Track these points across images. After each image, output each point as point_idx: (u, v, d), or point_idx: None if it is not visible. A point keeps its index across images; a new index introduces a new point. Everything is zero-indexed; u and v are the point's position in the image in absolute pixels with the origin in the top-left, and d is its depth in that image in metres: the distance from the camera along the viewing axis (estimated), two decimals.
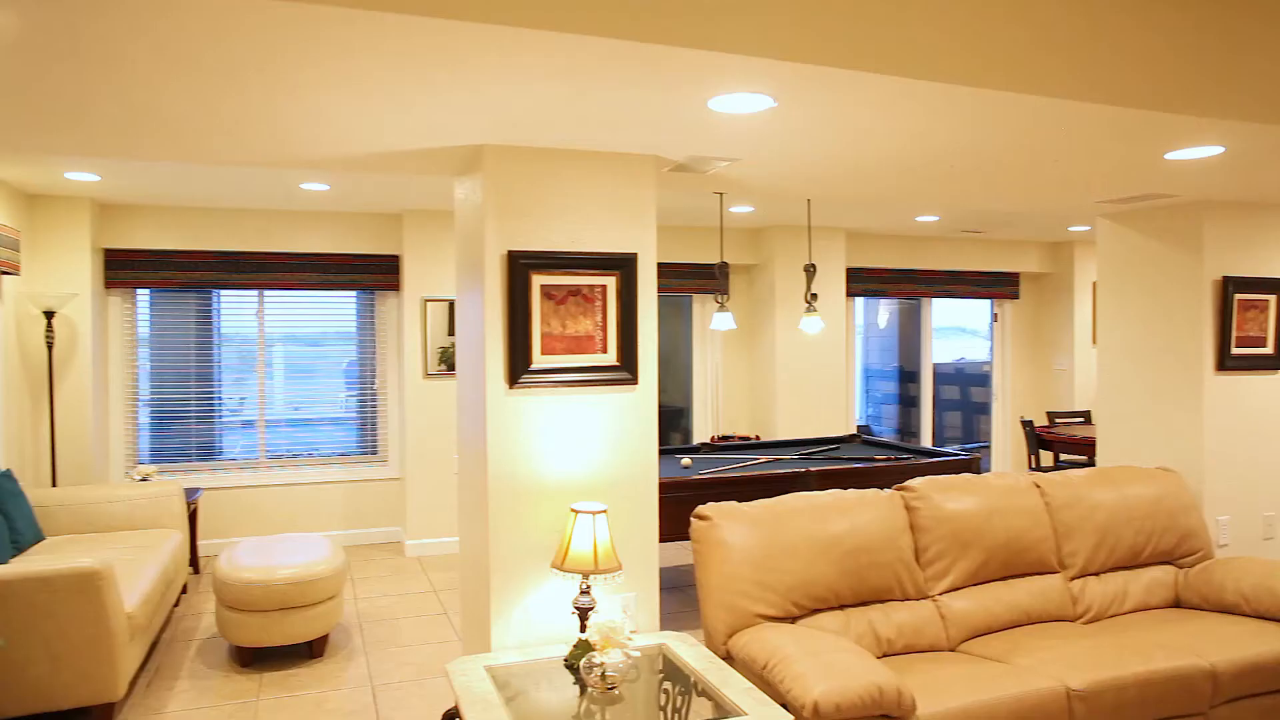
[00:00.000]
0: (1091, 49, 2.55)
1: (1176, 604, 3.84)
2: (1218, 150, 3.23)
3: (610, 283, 3.16)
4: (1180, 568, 3.94)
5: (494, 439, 3.04)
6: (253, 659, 4.41)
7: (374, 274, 6.73)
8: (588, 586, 2.88)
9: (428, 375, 6.61)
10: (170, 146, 3.08)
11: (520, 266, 3.02)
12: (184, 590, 5.36)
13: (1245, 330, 4.42)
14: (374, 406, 6.97)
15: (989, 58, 2.40)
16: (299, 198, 5.96)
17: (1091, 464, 6.88)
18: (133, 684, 4.16)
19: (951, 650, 3.35)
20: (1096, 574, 3.80)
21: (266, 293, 6.68)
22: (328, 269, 6.61)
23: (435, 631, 4.89)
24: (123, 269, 6.15)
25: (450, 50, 2.05)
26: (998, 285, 8.71)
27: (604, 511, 2.86)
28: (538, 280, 3.06)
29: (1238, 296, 4.38)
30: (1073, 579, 3.74)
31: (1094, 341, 8.55)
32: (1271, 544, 4.57)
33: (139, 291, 6.40)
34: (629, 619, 3.19)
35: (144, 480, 5.50)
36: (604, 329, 3.15)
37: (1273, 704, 3.27)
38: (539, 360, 3.06)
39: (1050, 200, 4.41)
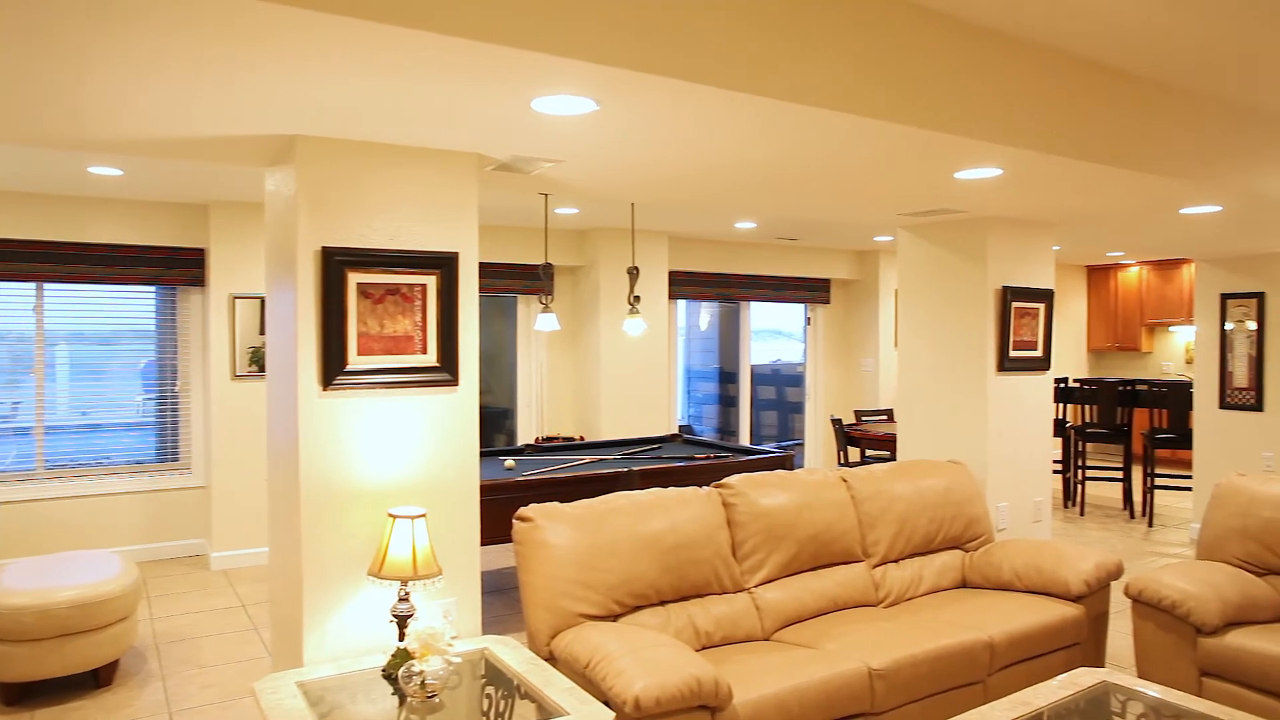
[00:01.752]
0: (895, 75, 2.74)
1: (964, 584, 4.19)
2: (997, 172, 3.55)
3: (430, 282, 3.09)
4: (967, 551, 4.30)
5: (306, 443, 2.90)
6: (22, 695, 3.98)
7: (176, 268, 6.26)
8: (407, 593, 2.80)
9: (236, 376, 6.22)
10: None
11: (335, 264, 2.90)
12: None
13: (1021, 335, 4.89)
14: (175, 410, 6.48)
15: (803, 76, 2.53)
16: (88, 183, 5.45)
17: (893, 459, 7.39)
18: None
19: (766, 639, 3.50)
20: (896, 561, 4.08)
21: (48, 286, 6.06)
22: (122, 262, 6.09)
23: (243, 649, 4.60)
24: None
25: (260, 33, 1.94)
26: (811, 290, 9.19)
27: (423, 516, 2.80)
28: (354, 278, 2.94)
29: (1015, 304, 4.83)
30: (875, 566, 4.00)
31: (896, 344, 9.19)
32: (1040, 526, 5.07)
33: None
34: (450, 625, 3.13)
35: None
36: (424, 329, 3.08)
37: (1038, 666, 3.63)
38: (355, 361, 2.95)
39: (857, 211, 4.71)
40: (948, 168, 3.48)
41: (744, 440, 9.10)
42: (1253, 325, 6.72)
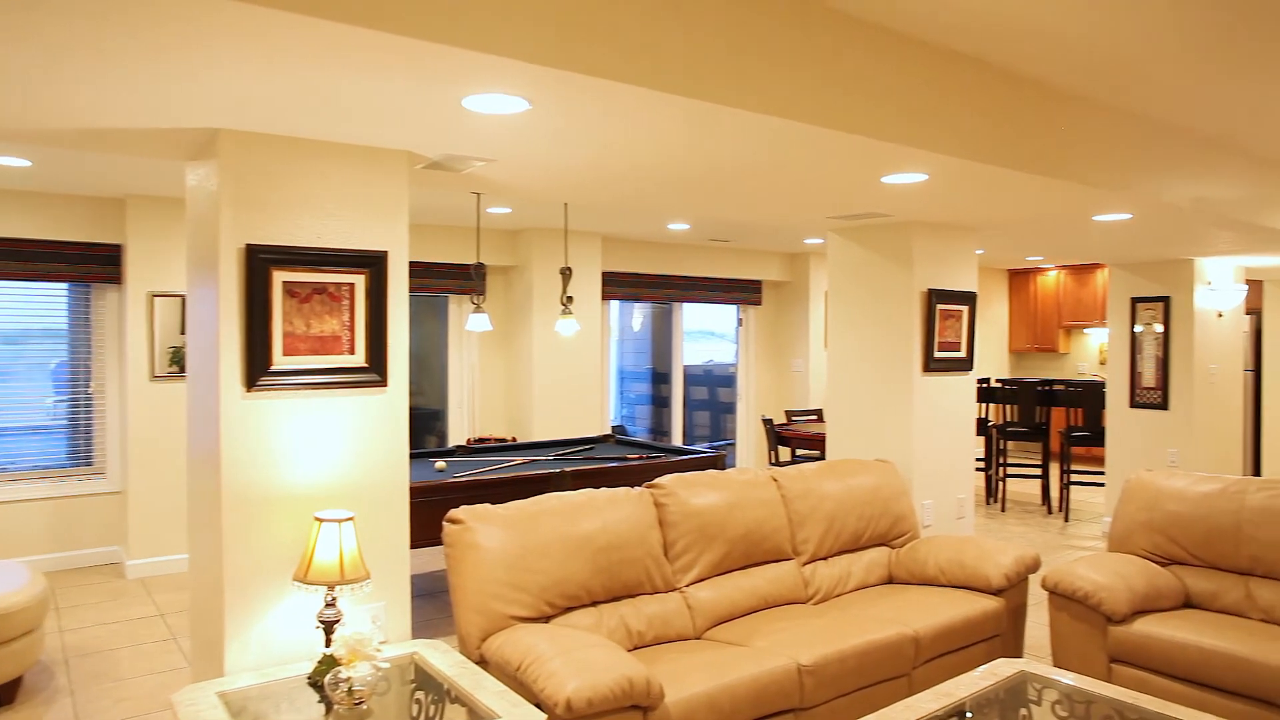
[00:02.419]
0: (825, 81, 2.79)
1: (890, 580, 4.28)
2: (922, 177, 3.64)
3: (359, 281, 3.03)
4: (894, 548, 4.40)
5: (229, 445, 2.82)
6: None
7: (90, 264, 6.01)
8: (333, 598, 2.74)
9: (155, 377, 6.01)
10: None
11: (260, 262, 2.83)
12: None
13: (945, 336, 5.02)
14: (89, 413, 6.23)
15: (736, 79, 2.56)
16: None
17: (823, 458, 7.51)
18: None
19: (698, 638, 3.53)
20: (825, 558, 4.15)
21: None
22: (31, 257, 5.83)
23: (161, 660, 4.45)
24: None
25: (180, 22, 1.88)
26: (743, 292, 9.29)
27: (351, 519, 2.74)
28: (279, 276, 2.88)
29: (939, 306, 4.96)
30: (805, 564, 4.06)
31: (826, 345, 9.35)
32: (963, 522, 5.22)
33: None
34: (378, 629, 3.08)
35: None
36: (352, 329, 3.02)
37: (960, 658, 3.73)
38: (280, 361, 2.88)
39: (788, 214, 4.78)
40: (875, 172, 3.55)
41: (676, 440, 9.16)
42: (1160, 328, 7.03)
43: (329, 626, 2.73)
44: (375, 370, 3.07)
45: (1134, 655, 3.61)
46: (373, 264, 3.05)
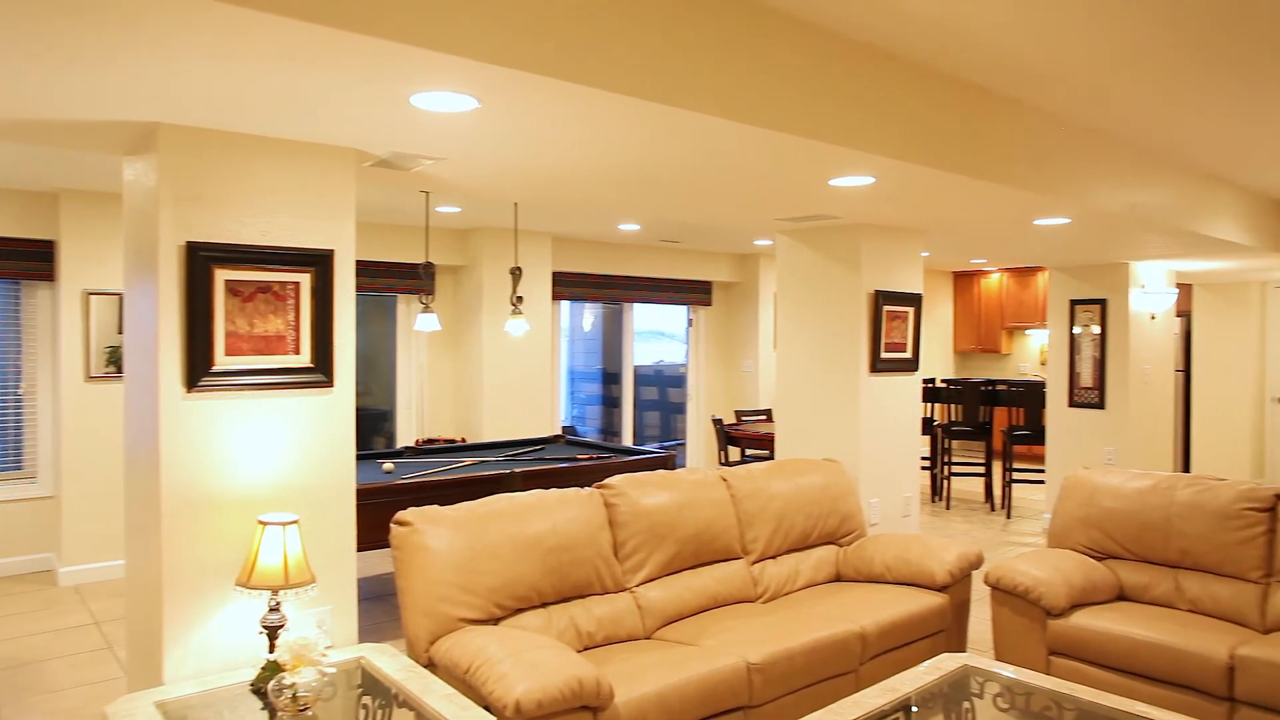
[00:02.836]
0: (775, 84, 2.82)
1: (838, 578, 4.34)
2: (869, 180, 3.70)
3: (304, 280, 2.98)
4: (841, 546, 4.45)
5: (169, 448, 2.75)
6: None
7: (21, 261, 5.81)
8: (277, 603, 2.69)
9: (91, 378, 5.83)
10: None
11: (201, 260, 2.77)
12: None
13: (892, 337, 5.10)
14: (19, 415, 6.02)
15: (685, 81, 2.57)
16: None
17: (772, 458, 7.58)
18: None
19: (648, 638, 3.54)
20: (774, 557, 4.18)
21: None
22: None
23: (96, 670, 4.32)
24: None
25: (114, 10, 1.83)
26: (693, 292, 9.33)
27: (295, 522, 2.70)
28: (221, 275, 2.81)
29: (886, 308, 5.04)
30: (754, 563, 4.10)
31: (775, 346, 9.44)
32: (909, 520, 5.31)
33: None
34: (324, 634, 3.03)
35: None
36: (297, 329, 2.97)
37: (906, 654, 3.80)
38: (222, 361, 2.82)
39: (738, 215, 4.81)
40: (823, 175, 3.60)
41: (627, 441, 9.17)
42: (1097, 329, 7.23)
43: (273, 632, 2.68)
44: (321, 370, 3.02)
45: (1071, 647, 3.71)
46: (319, 262, 3.00)
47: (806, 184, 3.80)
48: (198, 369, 2.77)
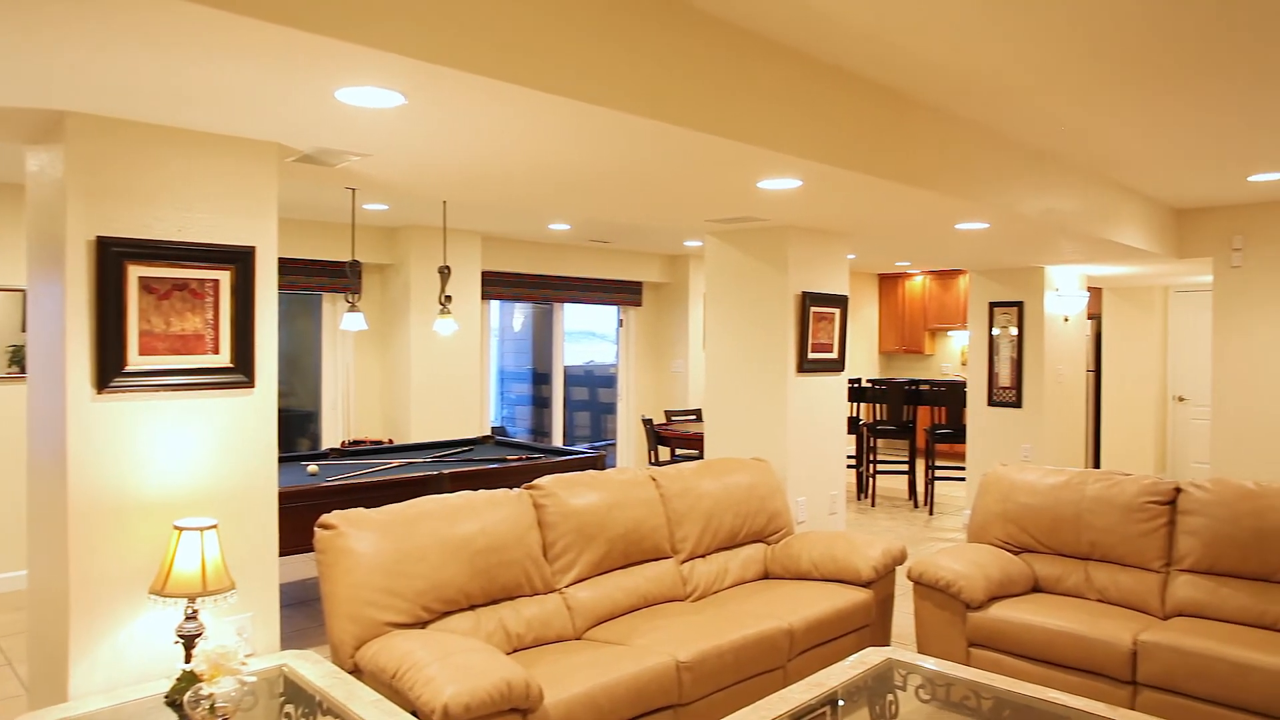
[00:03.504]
0: (703, 86, 2.84)
1: (766, 576, 4.40)
2: (797, 183, 3.76)
3: (224, 277, 2.90)
4: (769, 544, 4.51)
5: (77, 451, 2.64)
6: None
7: None
8: (194, 611, 2.61)
9: None
10: None
11: (113, 255, 2.66)
12: None
13: (818, 338, 5.19)
14: None
15: (614, 80, 2.57)
16: None
17: (702, 457, 7.64)
18: None
19: (578, 639, 3.53)
20: (703, 556, 4.22)
21: None
22: None
23: None
24: None
25: None
26: (623, 293, 9.35)
27: (214, 527, 2.62)
28: (135, 272, 2.71)
29: (813, 309, 5.12)
30: (684, 562, 4.12)
31: (705, 346, 9.50)
32: (835, 518, 5.41)
33: None
34: (244, 642, 2.94)
35: None
36: (216, 328, 2.88)
37: (832, 649, 3.87)
38: (136, 361, 2.72)
39: (667, 216, 4.84)
40: (751, 177, 3.64)
41: (557, 441, 9.13)
42: (1015, 331, 7.48)
43: (189, 641, 2.59)
44: (242, 370, 2.94)
45: (989, 638, 3.83)
46: (239, 259, 2.92)
47: (735, 186, 3.84)
48: (109, 369, 2.66)
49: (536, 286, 8.56)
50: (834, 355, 5.31)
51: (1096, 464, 9.98)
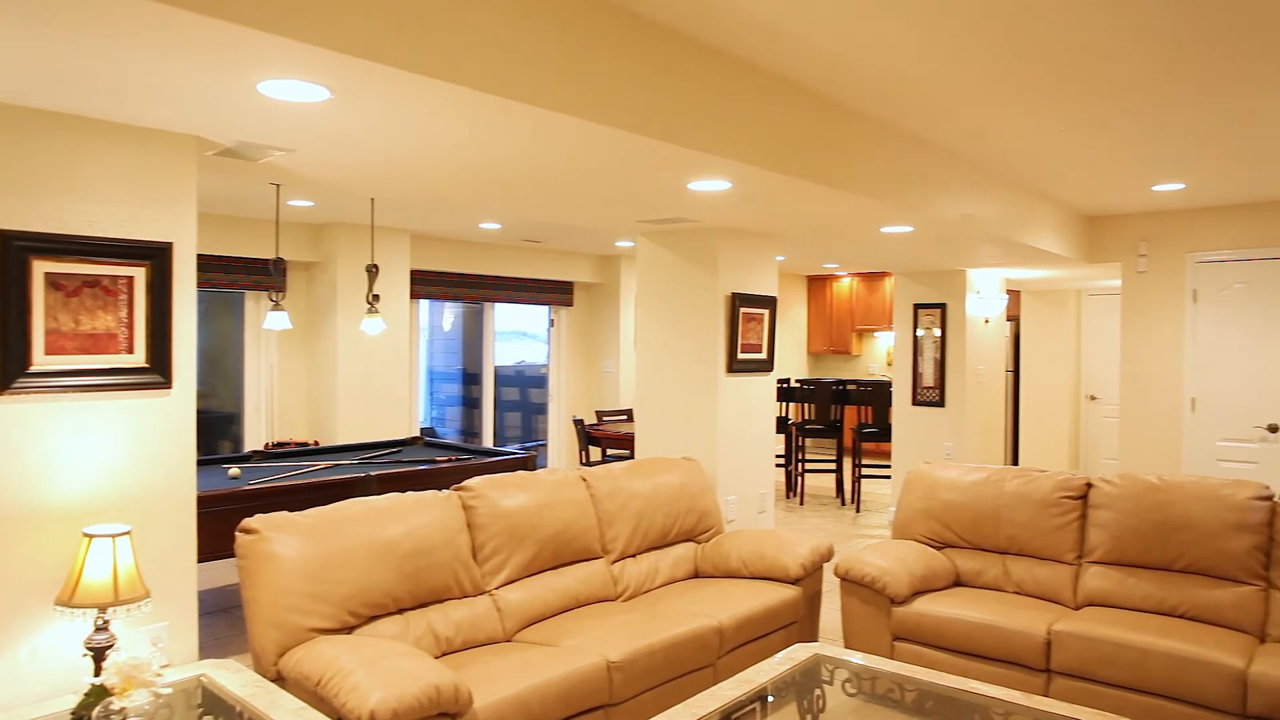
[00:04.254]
0: (633, 87, 2.84)
1: (696, 575, 4.43)
2: (727, 185, 3.80)
3: (139, 274, 2.79)
4: (700, 543, 4.55)
5: None
6: None
7: None
8: (105, 621, 2.51)
9: None
10: None
11: (16, 250, 2.54)
12: None
13: (748, 339, 5.25)
14: None
15: (541, 79, 2.56)
16: None
17: (633, 457, 7.66)
18: None
19: (508, 641, 3.51)
20: (634, 555, 4.23)
21: None
22: None
23: None
24: None
25: None
26: (555, 293, 9.32)
27: (127, 533, 2.52)
28: (41, 267, 2.60)
29: (743, 310, 5.18)
30: (614, 562, 4.13)
31: (636, 346, 9.52)
32: (765, 516, 5.48)
33: None
34: (159, 652, 2.84)
35: None
36: (130, 326, 2.78)
37: (762, 646, 3.92)
38: (41, 361, 2.60)
39: (598, 217, 4.84)
40: (681, 178, 3.67)
41: (487, 442, 9.05)
42: (938, 332, 7.69)
43: (99, 653, 2.49)
44: (158, 371, 2.84)
45: (913, 632, 3.93)
46: (155, 256, 2.82)
47: (665, 187, 3.86)
48: (11, 370, 2.54)
49: (467, 286, 8.47)
50: (763, 356, 5.38)
51: (1015, 461, 10.32)
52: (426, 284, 8.12)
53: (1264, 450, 6.24)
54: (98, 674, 2.49)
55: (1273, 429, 6.20)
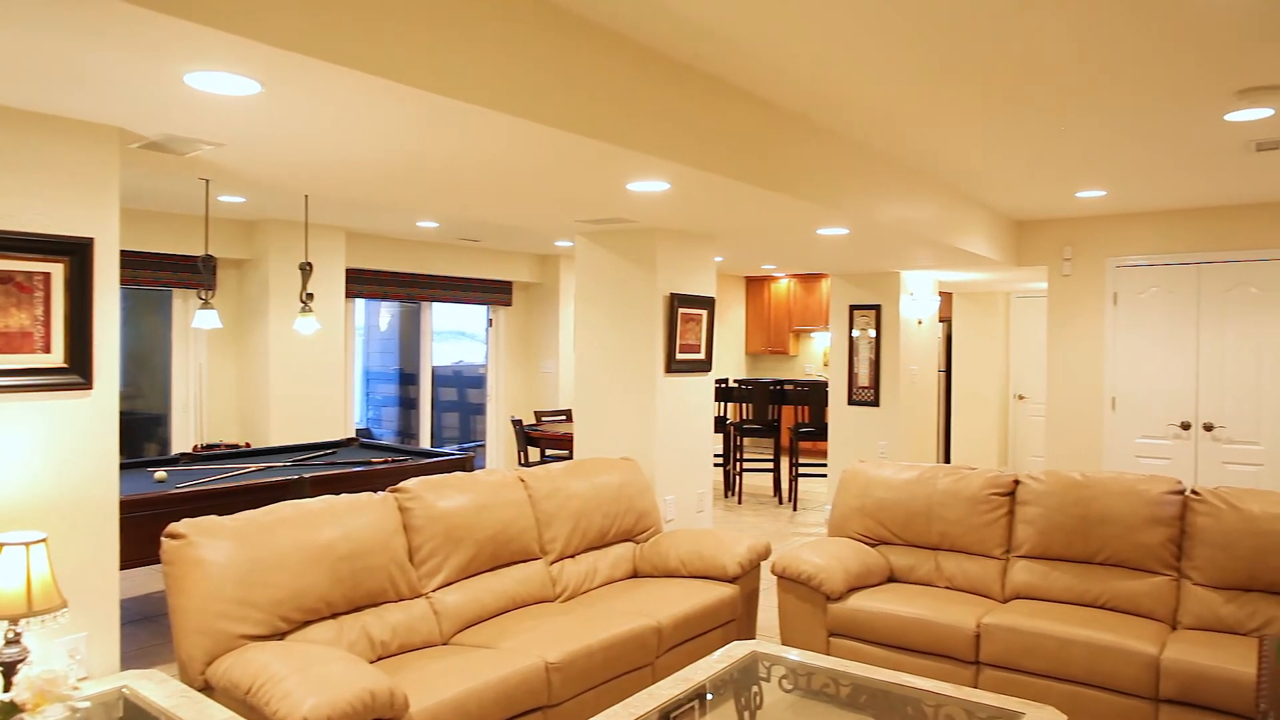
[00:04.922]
0: (570, 86, 2.84)
1: (635, 575, 4.44)
2: (665, 186, 3.81)
3: (57, 270, 2.69)
4: (638, 543, 4.56)
5: None
6: None
7: None
8: (17, 634, 2.41)
9: None
10: None
11: None
12: None
13: (686, 339, 5.28)
14: None
15: (477, 76, 2.54)
16: None
17: (571, 458, 7.63)
18: None
19: (446, 643, 3.47)
20: (573, 556, 4.22)
21: None
22: None
23: None
24: None
25: None
26: (493, 292, 9.24)
27: (43, 541, 2.43)
28: None
29: (681, 310, 5.21)
30: (553, 563, 4.11)
31: (575, 347, 9.50)
32: (703, 515, 5.52)
33: None
34: (77, 664, 2.74)
35: None
36: (47, 324, 2.67)
37: (700, 644, 3.95)
38: None
39: (536, 216, 4.81)
40: (620, 178, 3.67)
41: (425, 443, 8.94)
42: (873, 333, 7.83)
43: (10, 668, 2.39)
44: (77, 371, 2.74)
45: (848, 628, 3.99)
46: (74, 251, 2.72)
47: (604, 187, 3.86)
48: None
49: (404, 285, 8.35)
50: (701, 356, 5.42)
51: (947, 458, 10.57)
52: (362, 283, 7.98)
53: (1177, 447, 6.51)
54: (7, 690, 2.39)
55: (1185, 426, 6.46)
